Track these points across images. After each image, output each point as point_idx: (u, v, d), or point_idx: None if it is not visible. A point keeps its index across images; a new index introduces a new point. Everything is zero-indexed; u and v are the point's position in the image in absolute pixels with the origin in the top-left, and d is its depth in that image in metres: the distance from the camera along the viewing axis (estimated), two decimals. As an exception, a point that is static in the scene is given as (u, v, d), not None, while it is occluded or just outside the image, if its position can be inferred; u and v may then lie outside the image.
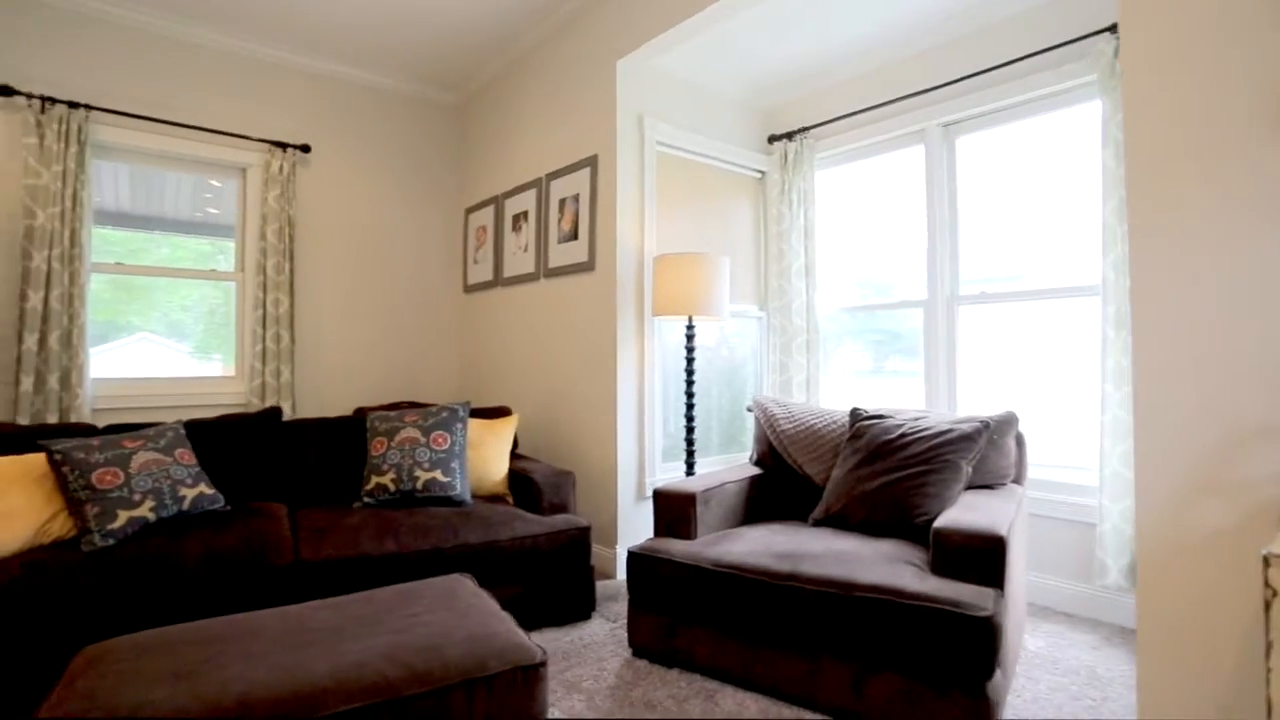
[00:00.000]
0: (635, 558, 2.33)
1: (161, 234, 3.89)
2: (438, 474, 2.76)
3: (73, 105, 3.32)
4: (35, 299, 3.20)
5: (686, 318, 3.12)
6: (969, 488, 2.39)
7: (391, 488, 2.73)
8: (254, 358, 3.79)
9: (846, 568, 1.97)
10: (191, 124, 3.68)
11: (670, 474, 3.42)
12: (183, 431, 2.61)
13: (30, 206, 3.22)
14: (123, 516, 2.23)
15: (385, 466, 2.77)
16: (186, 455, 2.53)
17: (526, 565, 2.56)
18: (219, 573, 2.12)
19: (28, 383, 3.18)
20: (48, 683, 1.87)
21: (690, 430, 3.13)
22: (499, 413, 3.31)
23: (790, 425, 2.85)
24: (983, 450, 2.37)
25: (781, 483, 2.83)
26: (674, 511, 2.44)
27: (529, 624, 2.60)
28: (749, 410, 3.09)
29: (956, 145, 3.24)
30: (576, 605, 2.68)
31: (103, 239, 3.64)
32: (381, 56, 4.03)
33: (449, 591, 1.86)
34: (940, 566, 1.92)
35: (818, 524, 2.48)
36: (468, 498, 2.79)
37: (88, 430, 2.57)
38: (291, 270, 3.89)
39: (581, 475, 3.49)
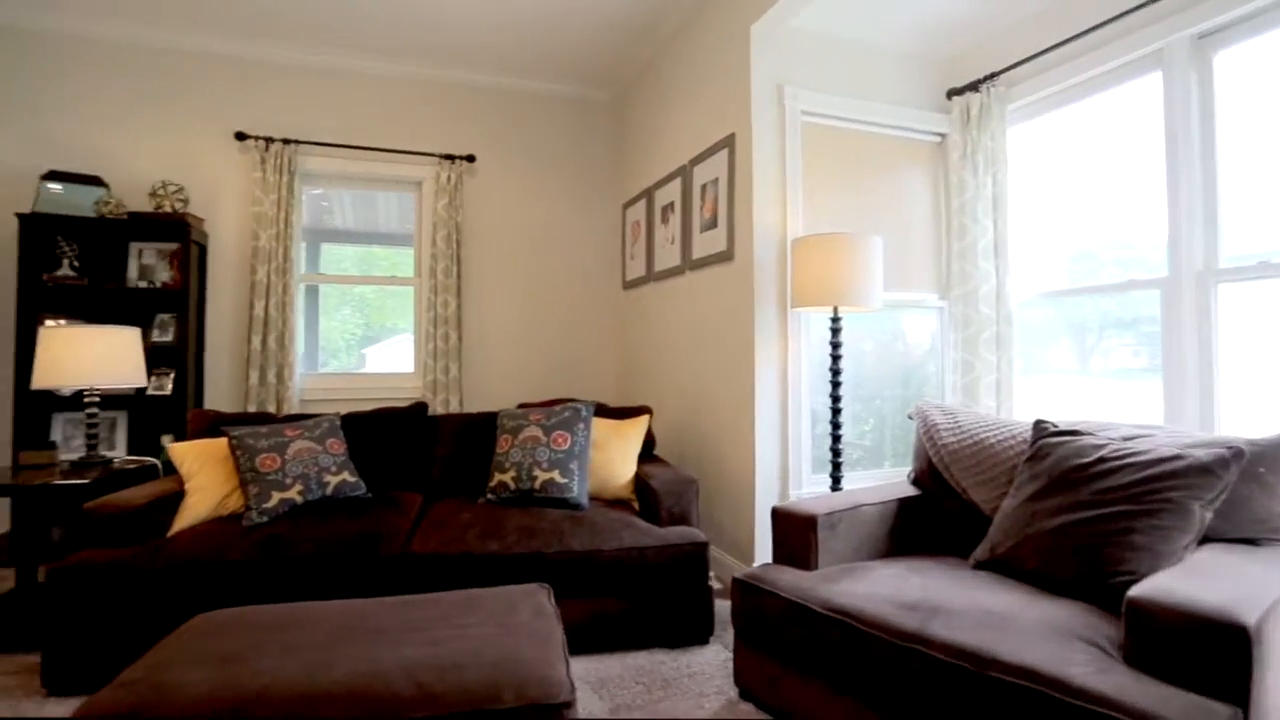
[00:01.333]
0: (740, 586, 2.03)
1: (381, 247, 4.43)
2: (555, 474, 2.70)
3: (285, 141, 3.86)
4: (259, 307, 3.77)
5: (831, 309, 2.70)
6: (1206, 540, 1.71)
7: (511, 486, 2.73)
8: (427, 355, 4.10)
9: (991, 635, 1.48)
10: (375, 146, 4.10)
11: (820, 487, 3.01)
12: (338, 423, 2.86)
13: (255, 229, 3.80)
14: (275, 497, 2.48)
15: (507, 464, 2.78)
16: (336, 445, 2.76)
17: (633, 579, 2.38)
18: (334, 557, 2.25)
19: (254, 376, 3.76)
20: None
21: (835, 439, 2.71)
22: (631, 413, 3.17)
23: (954, 438, 2.32)
24: (1231, 488, 1.67)
25: (941, 509, 2.31)
26: (791, 535, 2.09)
27: (635, 644, 2.42)
28: (910, 418, 2.58)
29: (1213, 64, 2.39)
30: (691, 628, 2.44)
31: (333, 254, 4.24)
32: (538, 63, 4.13)
33: (512, 604, 1.75)
34: (1137, 655, 1.36)
35: (980, 566, 1.96)
36: (584, 501, 2.69)
37: (267, 419, 2.92)
38: (459, 273, 4.15)
39: (718, 484, 3.22)
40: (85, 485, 2.51)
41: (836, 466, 2.71)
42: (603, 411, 3.19)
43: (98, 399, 2.79)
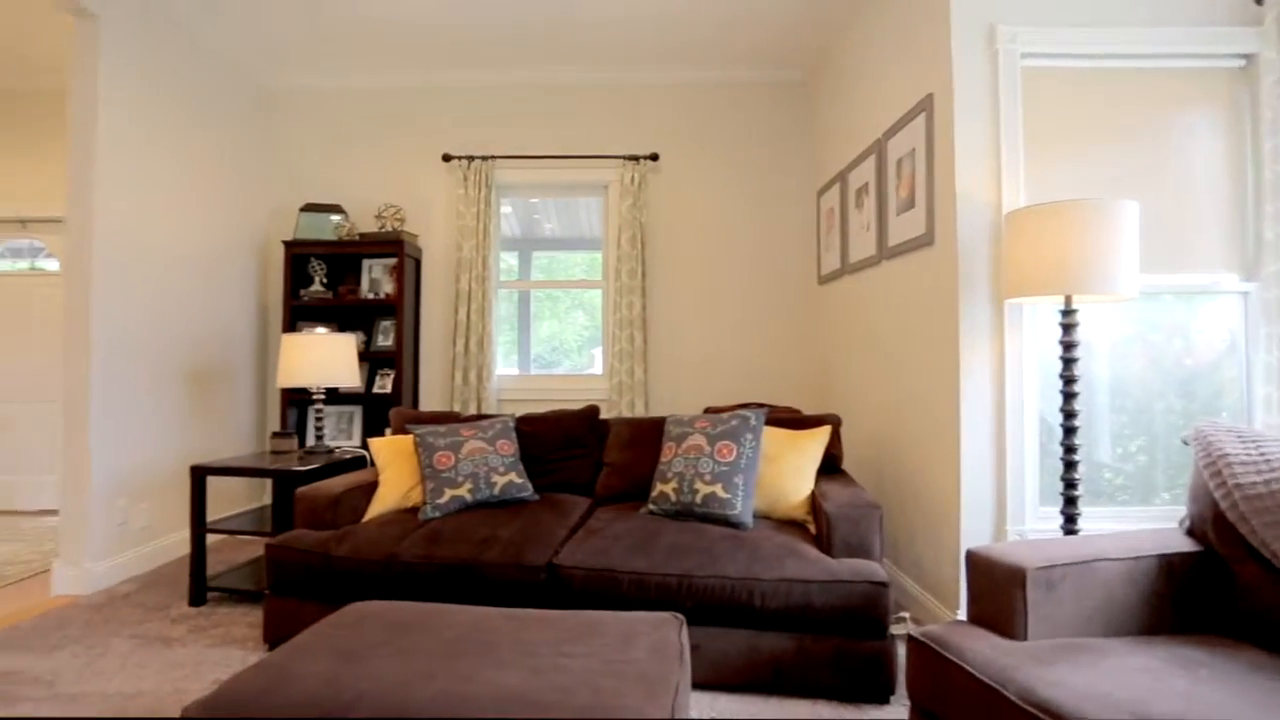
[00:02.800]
0: (918, 647, 1.63)
1: (585, 252, 4.63)
2: (718, 489, 2.47)
3: (483, 158, 4.13)
4: (462, 313, 4.08)
5: (1061, 298, 2.11)
6: None
7: (672, 497, 2.56)
8: (614, 357, 4.12)
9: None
10: (562, 154, 4.21)
11: (1053, 524, 2.39)
12: (511, 424, 2.94)
13: (459, 241, 4.13)
14: (448, 494, 2.60)
15: (669, 475, 2.61)
16: (506, 446, 2.82)
17: (794, 616, 2.07)
18: (483, 561, 2.26)
19: (458, 377, 4.08)
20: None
21: (1068, 465, 2.11)
22: (811, 422, 2.82)
23: (1258, 476, 1.64)
24: None
25: (1230, 574, 1.65)
26: (991, 590, 1.63)
27: (798, 690, 2.09)
28: (1184, 443, 1.91)
29: None
30: (866, 681, 2.05)
31: (542, 261, 4.53)
32: (723, 50, 3.92)
33: (631, 635, 1.58)
34: None
35: (1295, 668, 1.33)
36: (748, 520, 2.42)
37: (452, 418, 3.10)
38: (643, 274, 4.10)
39: (917, 509, 2.73)
40: (315, 470, 2.87)
41: (1070, 501, 2.10)
42: (780, 420, 2.88)
43: (323, 396, 3.20)
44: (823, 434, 2.68)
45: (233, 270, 4.00)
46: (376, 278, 4.15)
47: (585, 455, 3.05)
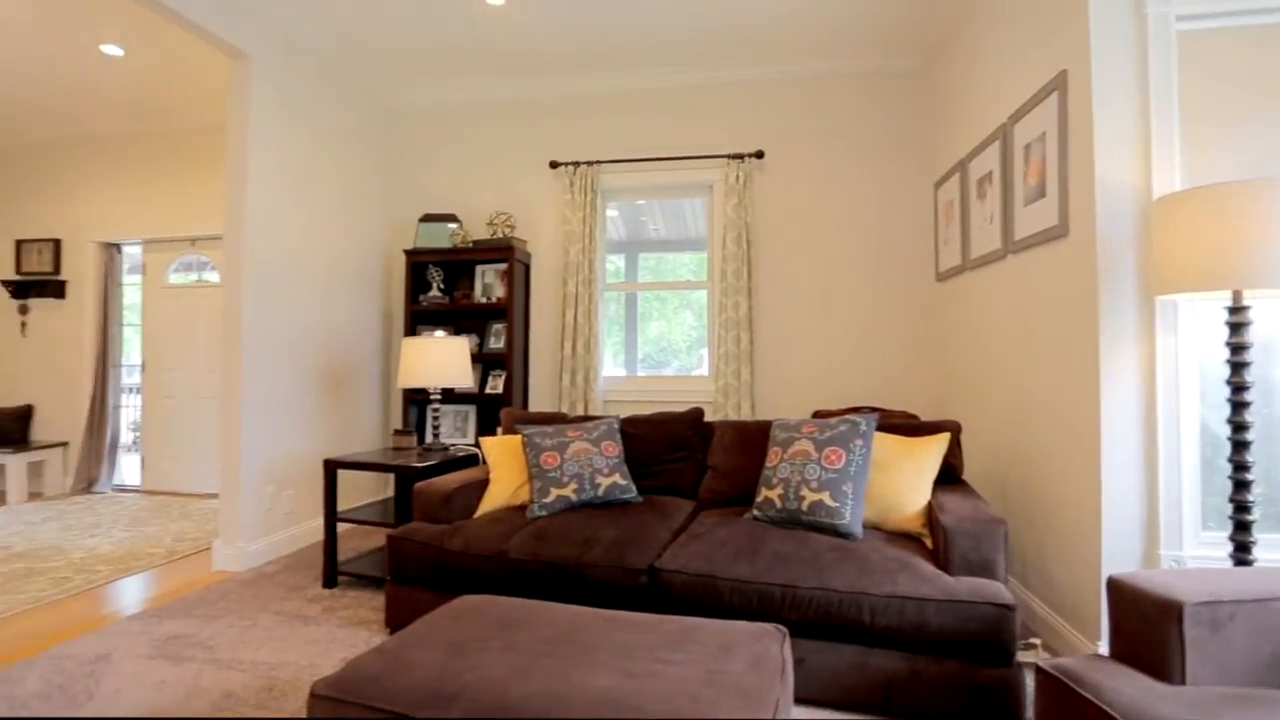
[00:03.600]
0: (1048, 681, 1.48)
1: (692, 253, 4.64)
2: (825, 497, 2.38)
3: (588, 164, 4.22)
4: (569, 315, 4.19)
5: (1228, 294, 1.85)
6: None
7: (777, 504, 2.49)
8: (720, 359, 4.07)
9: None
10: (665, 155, 4.21)
11: (1218, 550, 2.10)
12: (616, 426, 2.97)
13: (566, 246, 4.24)
14: (553, 493, 2.67)
15: (775, 480, 2.54)
16: (611, 447, 2.86)
17: (907, 635, 1.95)
18: (586, 561, 2.30)
19: (566, 379, 4.19)
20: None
21: (1238, 485, 1.84)
22: (928, 429, 2.65)
23: None
24: None
25: None
26: (1138, 625, 1.46)
27: (912, 716, 1.97)
28: (1392, 462, 1.62)
29: None
30: (989, 712, 1.90)
31: (649, 263, 4.59)
32: (831, 39, 3.78)
33: (730, 645, 1.54)
34: None
35: None
36: (857, 530, 2.31)
37: (560, 419, 3.18)
38: (749, 274, 4.03)
39: (1050, 525, 2.49)
40: (431, 466, 3.05)
41: (1241, 526, 1.84)
42: (893, 426, 2.73)
43: (440, 396, 3.38)
44: (940, 441, 2.51)
45: (359, 279, 4.32)
46: (489, 283, 4.34)
47: (689, 458, 3.03)
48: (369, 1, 3.42)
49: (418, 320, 4.33)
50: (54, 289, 5.30)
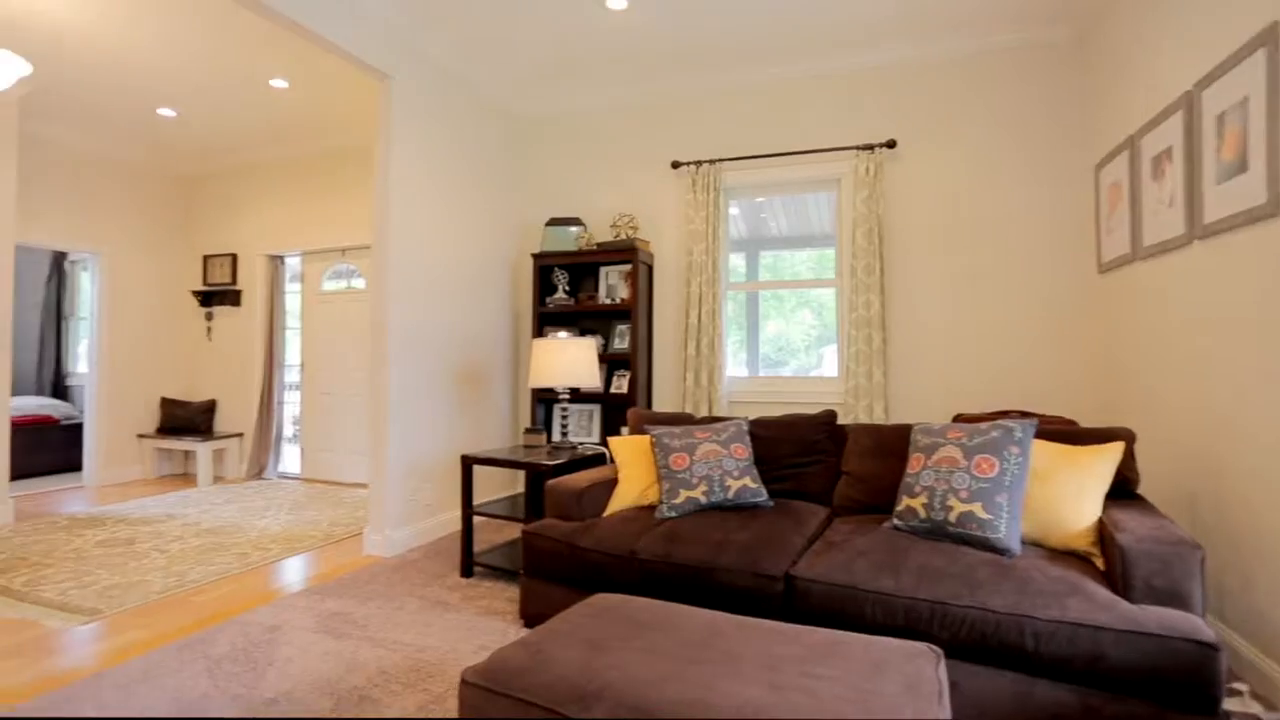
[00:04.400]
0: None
1: (814, 250, 4.51)
2: (977, 508, 2.20)
3: (710, 162, 4.17)
4: (692, 315, 4.17)
5: None
6: None
7: (921, 514, 2.33)
8: (850, 359, 3.90)
9: None
10: (790, 150, 4.09)
11: None
12: (745, 428, 2.91)
13: (689, 245, 4.22)
14: (683, 495, 2.65)
15: (918, 488, 2.38)
16: (740, 450, 2.80)
17: (1081, 669, 1.75)
18: (718, 565, 2.25)
19: (689, 379, 4.17)
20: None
21: None
22: (1094, 437, 2.39)
23: None
24: None
25: None
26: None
27: (1086, 754, 1.76)
28: None
29: None
30: (1185, 761, 1.66)
31: (769, 261, 4.49)
32: (969, 13, 3.51)
33: (880, 664, 1.44)
34: None
35: None
36: (1014, 546, 2.12)
37: (687, 420, 3.16)
38: (881, 270, 3.83)
39: (1257, 554, 2.16)
40: (562, 465, 3.13)
41: None
42: (1052, 433, 2.48)
43: (568, 395, 3.46)
44: (1112, 451, 2.24)
45: (489, 282, 4.53)
46: (613, 284, 4.40)
47: (820, 462, 2.91)
48: (497, 16, 3.57)
49: (544, 322, 4.47)
50: (232, 298, 5.97)
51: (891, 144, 3.84)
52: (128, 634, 2.61)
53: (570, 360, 3.34)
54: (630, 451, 2.95)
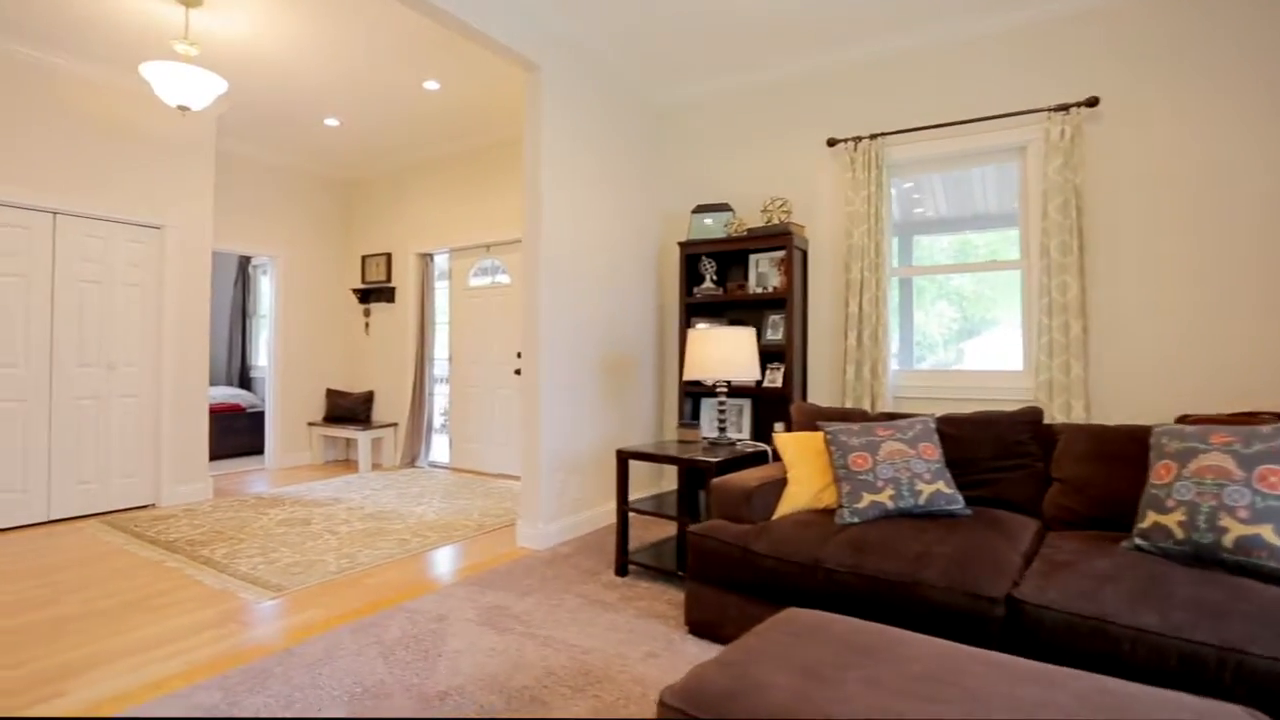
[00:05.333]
0: None
1: (975, 233, 4.03)
2: (1266, 531, 1.77)
3: (871, 137, 3.82)
4: (853, 304, 3.84)
5: None
6: None
7: (1177, 534, 1.92)
8: (1040, 351, 3.42)
9: None
10: (964, 118, 3.65)
11: None
12: (932, 425, 2.58)
13: (848, 228, 3.89)
14: (866, 499, 2.38)
15: (1169, 502, 1.97)
16: (930, 450, 2.48)
17: None
18: (922, 580, 1.96)
19: (850, 372, 3.85)
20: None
21: None
22: None
23: None
24: None
25: None
26: None
27: None
28: None
29: None
30: None
31: (924, 246, 4.06)
32: (1209, -64, 2.93)
33: (1202, 732, 1.12)
34: None
35: None
36: (1326, 582, 1.67)
37: (860, 416, 2.87)
38: (1080, 249, 3.32)
39: None
40: (725, 462, 2.93)
41: None
42: (1355, 438, 1.96)
43: (726, 389, 3.26)
44: None
45: (634, 273, 4.42)
46: (763, 272, 4.15)
47: (1025, 467, 2.52)
48: (643, 2, 3.43)
49: (691, 313, 4.30)
50: (387, 295, 6.31)
51: (1092, 102, 3.31)
52: (308, 611, 2.71)
53: (728, 351, 3.14)
54: (800, 449, 2.70)
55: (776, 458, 3.31)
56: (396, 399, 6.29)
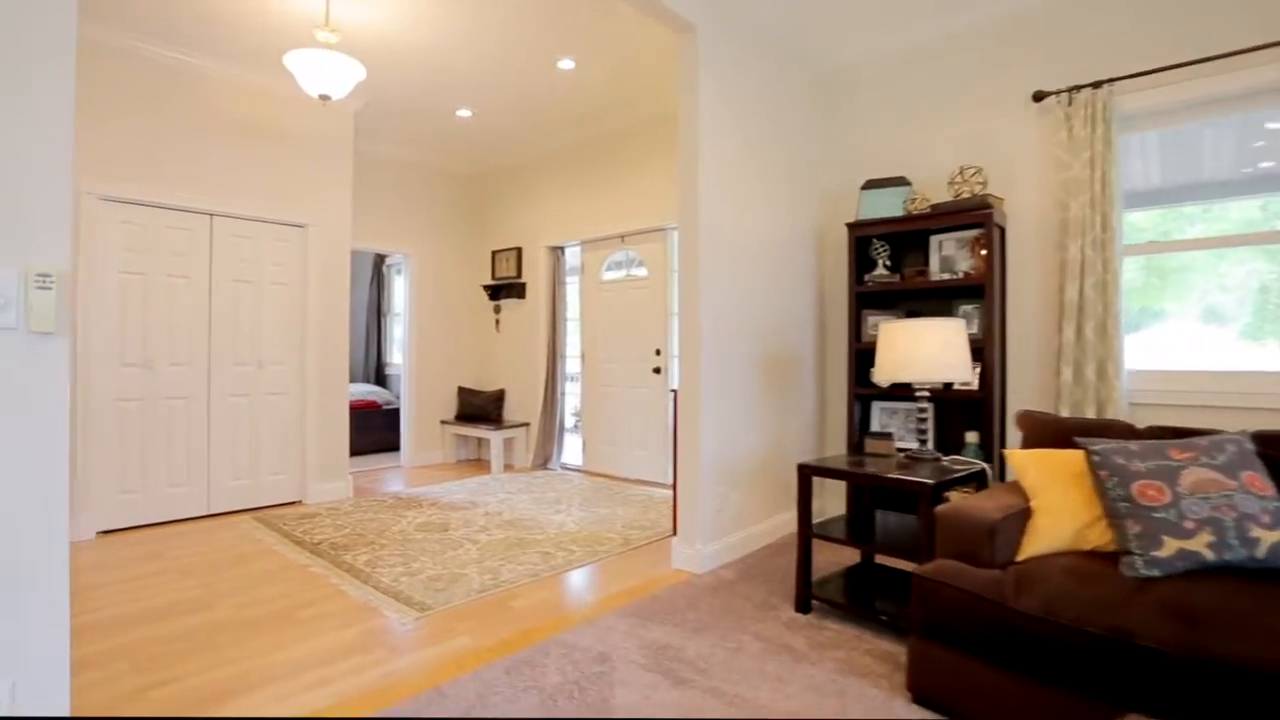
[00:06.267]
0: None
1: (1194, 204, 3.22)
2: None
3: (1095, 85, 3.10)
4: (1070, 290, 3.14)
5: None
6: None
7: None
8: (1350, 347, 2.60)
9: None
10: (1228, 50, 2.85)
11: None
12: (1248, 446, 1.92)
13: (1063, 199, 3.19)
14: (1171, 546, 1.76)
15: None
16: (1257, 481, 1.82)
17: None
18: (1326, 681, 1.35)
19: (1067, 373, 3.16)
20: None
21: None
22: None
23: None
24: None
25: None
26: None
27: None
28: None
29: None
30: None
31: (1130, 224, 3.28)
32: None
33: None
34: None
35: None
36: None
37: (1124, 430, 2.23)
38: None
39: None
40: (942, 484, 2.39)
41: None
42: None
43: (928, 393, 2.70)
44: None
45: (793, 259, 3.91)
46: (948, 254, 3.53)
47: None
48: (831, -73, 2.91)
49: (862, 303, 3.74)
50: (517, 290, 6.15)
51: None
52: (455, 639, 2.44)
53: (935, 348, 2.58)
54: (1049, 471, 2.11)
55: (1000, 477, 2.71)
56: (528, 398, 6.12)
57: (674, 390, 3.50)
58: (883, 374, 2.72)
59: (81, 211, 3.72)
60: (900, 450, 2.81)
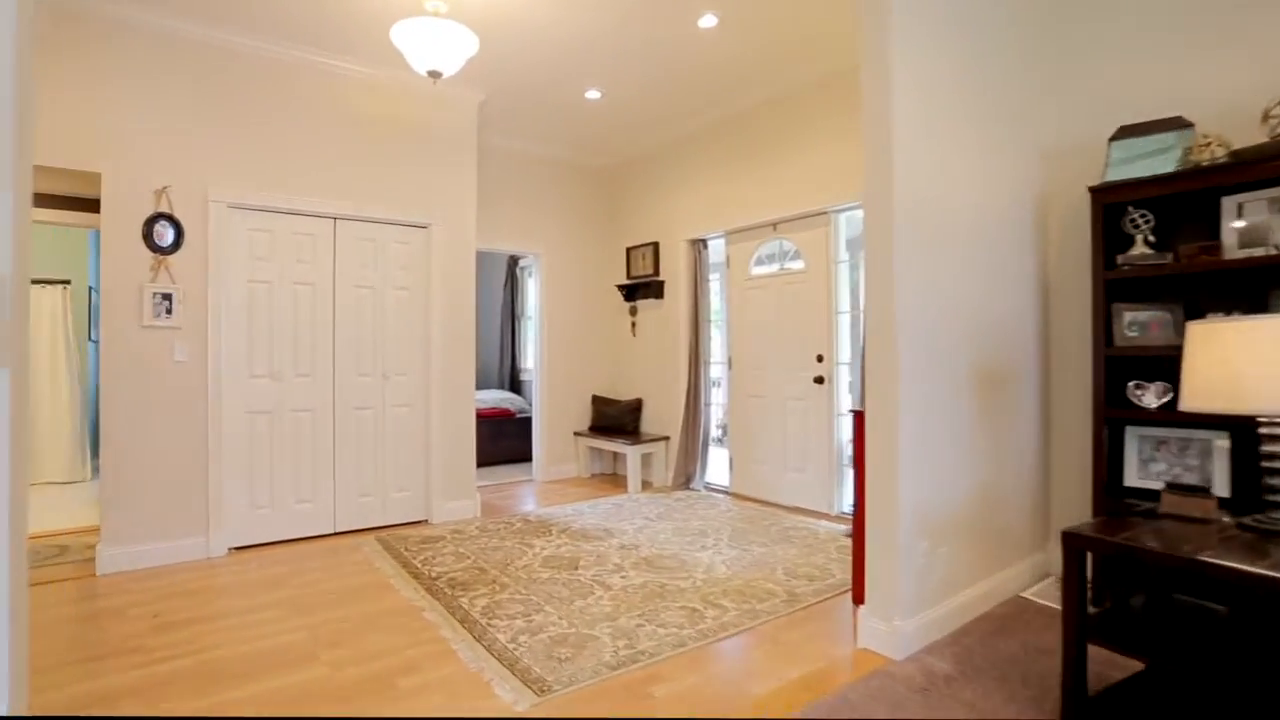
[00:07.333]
0: None
1: None
2: None
3: None
4: None
5: None
6: None
7: None
8: None
9: None
10: None
11: None
12: None
13: None
14: None
15: None
16: None
17: None
18: None
19: None
20: None
21: None
22: None
23: None
24: None
25: None
26: None
27: None
28: None
29: None
30: None
31: None
32: None
33: None
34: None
35: None
36: None
37: None
38: None
39: None
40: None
41: None
42: None
43: (1276, 426, 1.76)
44: None
45: (1006, 241, 2.99)
46: (1255, 222, 2.47)
47: None
48: None
49: (1112, 294, 2.76)
50: (655, 289, 5.59)
51: None
52: (584, 739, 1.87)
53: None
54: None
55: None
56: (667, 409, 5.54)
57: (855, 411, 2.73)
58: (1197, 398, 1.81)
59: (210, 220, 3.61)
60: (1243, 522, 1.86)
